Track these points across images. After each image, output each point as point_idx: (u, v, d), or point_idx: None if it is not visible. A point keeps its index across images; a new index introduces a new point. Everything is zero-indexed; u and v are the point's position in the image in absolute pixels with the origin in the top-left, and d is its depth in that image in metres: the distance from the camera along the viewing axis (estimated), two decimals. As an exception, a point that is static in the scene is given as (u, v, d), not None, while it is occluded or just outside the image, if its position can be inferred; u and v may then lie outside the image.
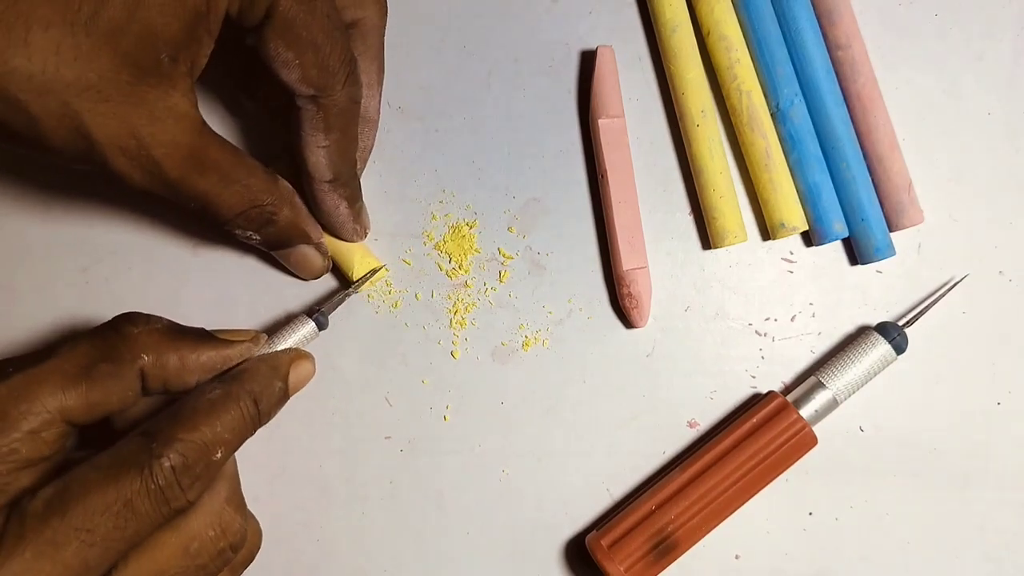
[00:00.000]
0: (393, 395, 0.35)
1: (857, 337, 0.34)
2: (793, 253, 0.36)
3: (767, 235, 0.35)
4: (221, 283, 0.35)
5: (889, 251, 0.34)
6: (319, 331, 0.32)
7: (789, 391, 0.34)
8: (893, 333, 0.33)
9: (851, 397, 0.33)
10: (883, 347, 0.33)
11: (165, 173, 0.26)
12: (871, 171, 0.34)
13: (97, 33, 0.23)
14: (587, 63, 0.36)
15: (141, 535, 0.24)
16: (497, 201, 0.36)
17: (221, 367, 0.28)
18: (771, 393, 0.34)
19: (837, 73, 0.34)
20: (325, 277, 0.35)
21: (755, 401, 0.34)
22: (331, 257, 0.34)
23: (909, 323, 0.34)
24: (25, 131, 0.23)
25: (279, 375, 0.29)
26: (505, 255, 0.35)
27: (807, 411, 0.33)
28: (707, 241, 0.35)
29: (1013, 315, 0.35)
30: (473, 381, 0.35)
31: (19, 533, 0.22)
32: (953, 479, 0.35)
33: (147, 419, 0.27)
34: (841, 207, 0.34)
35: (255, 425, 0.28)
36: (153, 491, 0.24)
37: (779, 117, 0.34)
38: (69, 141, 0.24)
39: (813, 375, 0.33)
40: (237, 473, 0.29)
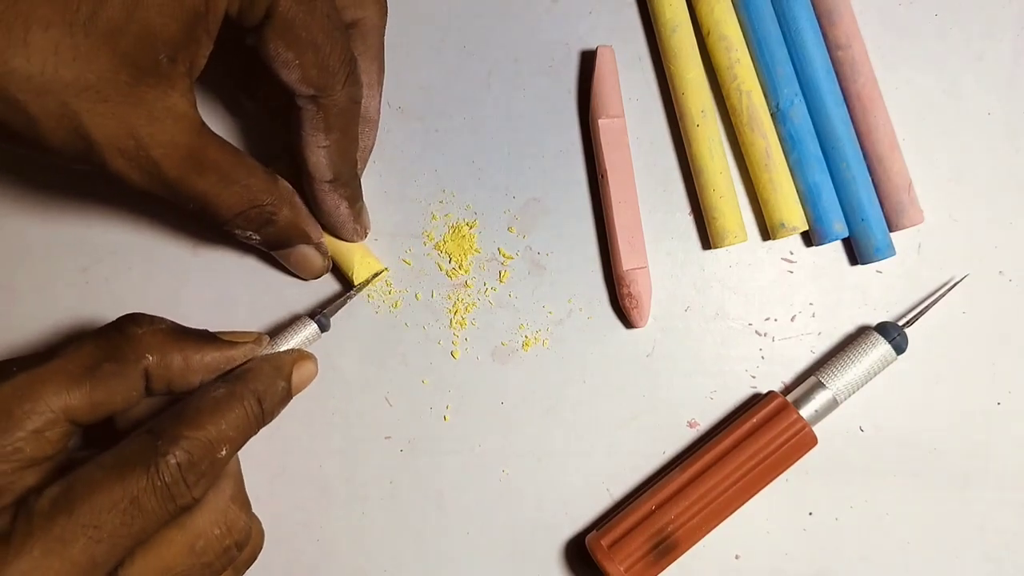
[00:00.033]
0: (393, 395, 0.35)
1: (857, 337, 0.34)
2: (793, 253, 0.36)
3: (767, 235, 0.35)
4: (221, 283, 0.35)
5: (889, 251, 0.34)
6: (321, 333, 0.33)
7: (789, 391, 0.34)
8: (893, 333, 0.33)
9: (851, 397, 0.33)
10: (883, 347, 0.33)
11: (164, 173, 0.26)
12: (871, 171, 0.34)
13: (96, 33, 0.23)
14: (587, 63, 0.36)
15: (148, 532, 0.24)
16: (497, 201, 0.36)
17: (224, 367, 0.29)
18: (771, 393, 0.34)
19: (837, 73, 0.34)
20: (325, 277, 0.35)
21: (755, 401, 0.34)
22: (331, 257, 0.34)
23: (909, 323, 0.34)
24: (24, 131, 0.23)
25: (282, 375, 0.29)
26: (505, 255, 0.35)
27: (807, 411, 0.33)
28: (707, 241, 0.35)
29: (1013, 315, 0.35)
30: (473, 381, 0.35)
31: (27, 531, 0.22)
32: (953, 479, 0.35)
33: (149, 419, 0.28)
34: (841, 207, 0.34)
35: (259, 424, 0.28)
36: (159, 488, 0.24)
37: (779, 117, 0.34)
38: (68, 141, 0.24)
39: (813, 375, 0.33)
40: (241, 472, 0.30)
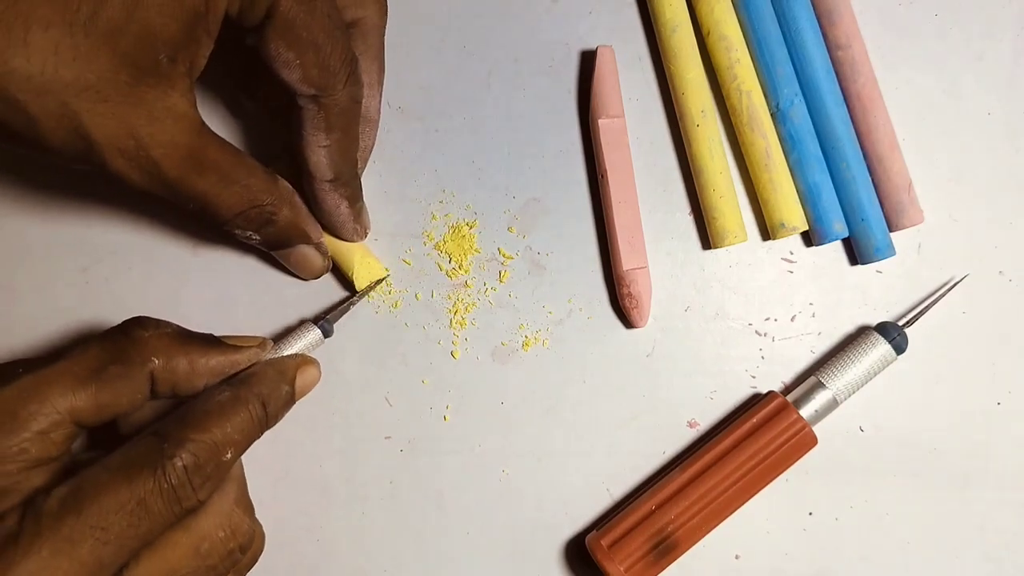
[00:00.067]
0: (393, 395, 0.35)
1: (857, 337, 0.34)
2: (793, 253, 0.36)
3: (767, 235, 0.35)
4: (221, 283, 0.35)
5: (889, 251, 0.34)
6: (324, 338, 0.33)
7: (789, 391, 0.34)
8: (893, 333, 0.33)
9: (851, 397, 0.33)
10: (883, 347, 0.33)
11: (164, 173, 0.26)
12: (871, 171, 0.34)
13: (96, 33, 0.23)
14: (587, 63, 0.36)
15: (154, 533, 0.24)
16: (497, 201, 0.36)
17: (229, 371, 0.29)
18: (771, 393, 0.34)
19: (837, 73, 0.34)
20: (325, 277, 0.35)
21: (755, 401, 0.34)
22: (331, 257, 0.34)
23: (909, 323, 0.34)
24: (24, 131, 0.23)
25: (286, 379, 0.30)
26: (505, 255, 0.35)
27: (807, 411, 0.33)
28: (707, 241, 0.35)
29: (1013, 315, 0.35)
30: (473, 381, 0.35)
31: (35, 531, 0.23)
32: (953, 479, 0.35)
33: (154, 422, 0.28)
34: (841, 207, 0.34)
35: (263, 427, 0.28)
36: (166, 490, 0.24)
37: (779, 117, 0.34)
38: (68, 141, 0.24)
39: (813, 375, 0.33)
40: (244, 476, 0.30)
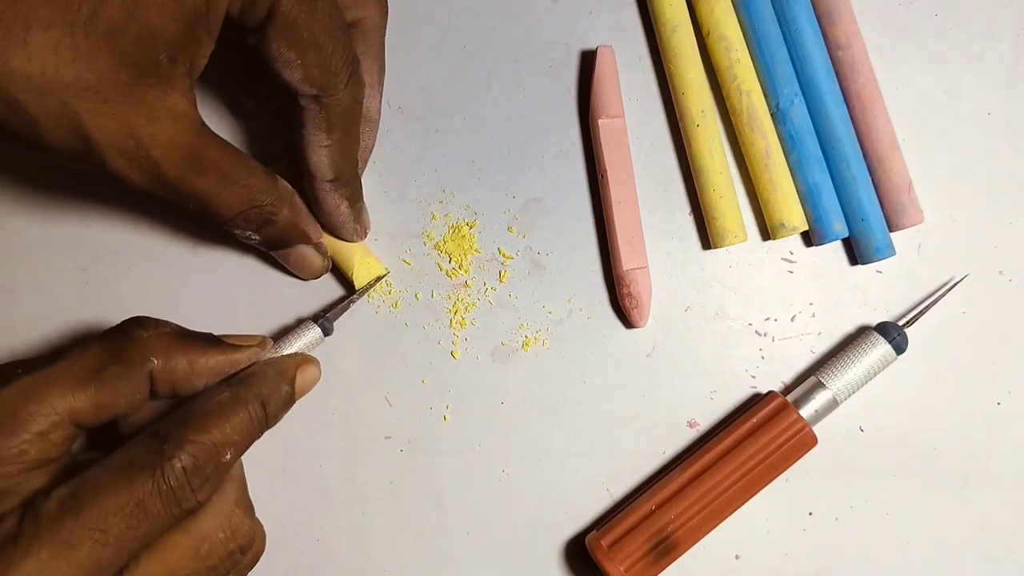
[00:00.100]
0: (393, 395, 0.35)
1: (857, 337, 0.34)
2: (793, 253, 0.36)
3: (767, 235, 0.35)
4: (221, 283, 0.35)
5: (889, 251, 0.34)
6: (324, 337, 0.33)
7: (789, 391, 0.34)
8: (893, 333, 0.33)
9: (851, 397, 0.33)
10: (883, 347, 0.33)
11: (164, 173, 0.26)
12: (871, 171, 0.34)
13: (96, 33, 0.22)
14: (587, 63, 0.36)
15: (153, 535, 0.24)
16: (497, 201, 0.36)
17: (229, 371, 0.29)
18: (771, 393, 0.34)
19: (837, 73, 0.34)
20: (325, 277, 0.35)
21: (755, 401, 0.34)
22: (331, 257, 0.34)
23: (909, 323, 0.34)
24: (24, 131, 0.23)
25: (286, 379, 0.30)
26: (505, 255, 0.35)
27: (807, 411, 0.33)
28: (707, 241, 0.35)
29: (1013, 315, 0.35)
30: (473, 381, 0.35)
31: (34, 533, 0.23)
32: (953, 479, 0.35)
33: (153, 423, 0.28)
34: (841, 207, 0.34)
35: (263, 427, 0.28)
36: (165, 492, 0.24)
37: (779, 117, 0.34)
38: (68, 141, 0.24)
39: (813, 375, 0.33)
40: (244, 476, 0.30)
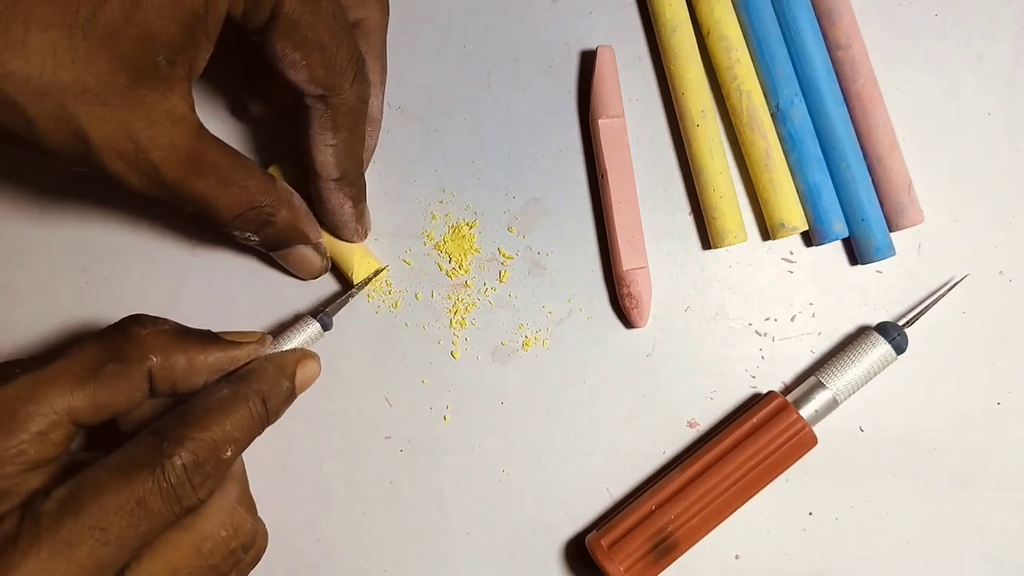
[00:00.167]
0: (393, 395, 0.35)
1: (857, 337, 0.34)
2: (793, 253, 0.36)
3: (767, 235, 0.35)
4: (221, 283, 0.35)
5: (889, 251, 0.34)
6: (323, 332, 0.33)
7: (789, 391, 0.34)
8: (893, 333, 0.33)
9: (851, 397, 0.33)
10: (883, 347, 0.33)
11: (163, 176, 0.26)
12: (871, 171, 0.34)
13: (95, 36, 0.22)
14: (587, 63, 0.36)
15: (154, 533, 0.24)
16: (497, 201, 0.36)
17: (228, 368, 0.29)
18: (771, 393, 0.34)
19: (837, 73, 0.34)
20: (324, 277, 0.35)
21: (755, 401, 0.34)
22: (330, 257, 0.34)
23: (909, 323, 0.34)
24: (22, 133, 0.23)
25: (286, 374, 0.29)
26: (505, 255, 0.35)
27: (807, 411, 0.33)
28: (707, 241, 0.35)
29: (1013, 315, 0.35)
30: (473, 381, 0.35)
31: (34, 533, 0.22)
32: (953, 479, 0.35)
33: (153, 420, 0.28)
34: (841, 207, 0.34)
35: (263, 424, 0.28)
36: (165, 489, 0.24)
37: (779, 117, 0.34)
38: (66, 144, 0.24)
39: (813, 375, 0.33)
40: (246, 474, 0.30)
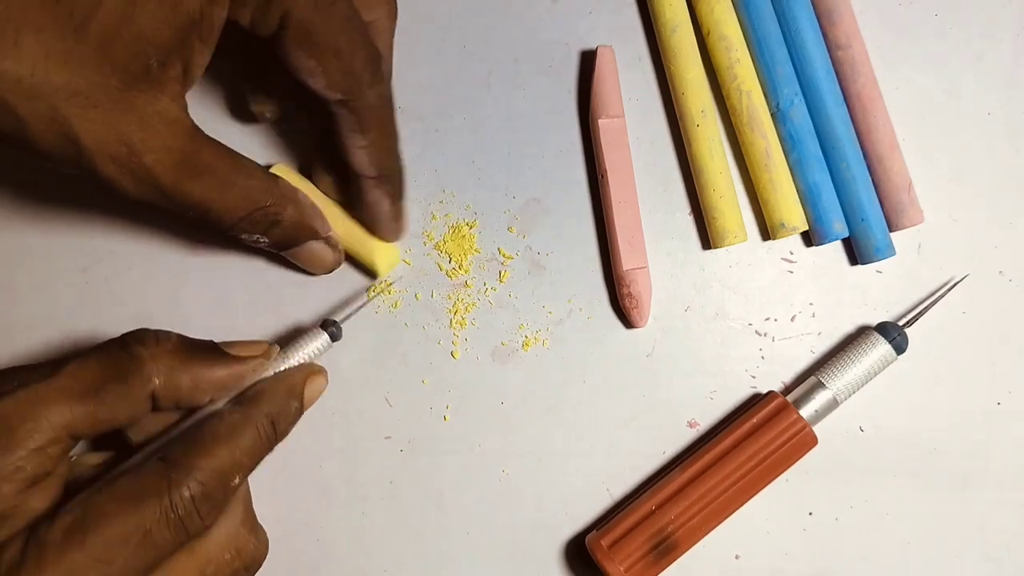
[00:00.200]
0: (393, 395, 0.35)
1: (857, 337, 0.34)
2: (793, 253, 0.36)
3: (767, 235, 0.35)
4: (221, 283, 0.35)
5: (889, 251, 0.34)
6: (332, 343, 0.32)
7: (789, 391, 0.34)
8: (893, 333, 0.33)
9: (851, 397, 0.33)
10: (883, 347, 0.33)
11: (158, 180, 0.25)
12: (871, 171, 0.34)
13: (88, 39, 0.22)
14: (587, 63, 0.36)
15: (159, 561, 0.24)
16: (497, 201, 0.36)
17: (234, 385, 0.28)
18: (771, 393, 0.34)
19: (837, 73, 0.34)
20: (335, 273, 0.35)
21: (755, 401, 0.34)
22: (343, 249, 0.33)
23: (909, 323, 0.34)
24: (13, 133, 0.23)
25: (295, 395, 0.29)
26: (505, 255, 0.35)
27: (807, 411, 0.33)
28: (707, 241, 0.35)
29: (1013, 315, 0.35)
30: (473, 381, 0.35)
31: (38, 563, 0.22)
32: (953, 479, 0.35)
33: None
34: (841, 207, 0.34)
35: (271, 446, 0.28)
36: (173, 521, 0.24)
37: (779, 117, 0.34)
38: (57, 146, 0.23)
39: (813, 375, 0.33)
40: (249, 492, 0.29)
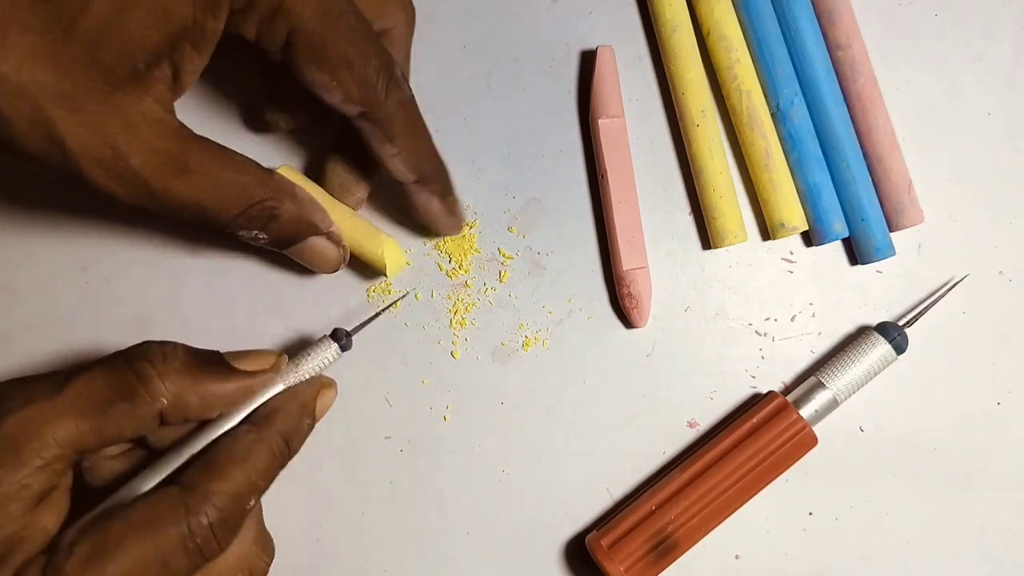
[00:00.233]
0: (393, 395, 0.35)
1: (857, 337, 0.34)
2: (793, 253, 0.36)
3: (767, 235, 0.35)
4: (221, 283, 0.35)
5: (889, 251, 0.34)
6: (342, 353, 0.31)
7: (789, 391, 0.34)
8: (893, 333, 0.33)
9: (851, 397, 0.33)
10: (883, 347, 0.33)
11: (146, 181, 0.25)
12: (871, 171, 0.34)
13: (75, 40, 0.22)
14: (587, 63, 0.36)
15: None
16: (497, 201, 0.36)
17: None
18: (771, 393, 0.34)
19: (837, 73, 0.34)
20: (335, 274, 0.35)
21: (755, 401, 0.34)
22: (347, 247, 0.33)
23: (909, 323, 0.34)
24: None
25: (308, 412, 0.29)
26: (505, 255, 0.35)
27: (807, 411, 0.33)
28: (707, 241, 0.35)
29: (1013, 315, 0.35)
30: (473, 381, 0.35)
31: None
32: (953, 479, 0.35)
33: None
34: (841, 207, 0.34)
35: (284, 464, 0.28)
36: (190, 549, 0.24)
37: (779, 117, 0.34)
38: (43, 147, 0.23)
39: (813, 375, 0.33)
40: (261, 508, 0.29)
